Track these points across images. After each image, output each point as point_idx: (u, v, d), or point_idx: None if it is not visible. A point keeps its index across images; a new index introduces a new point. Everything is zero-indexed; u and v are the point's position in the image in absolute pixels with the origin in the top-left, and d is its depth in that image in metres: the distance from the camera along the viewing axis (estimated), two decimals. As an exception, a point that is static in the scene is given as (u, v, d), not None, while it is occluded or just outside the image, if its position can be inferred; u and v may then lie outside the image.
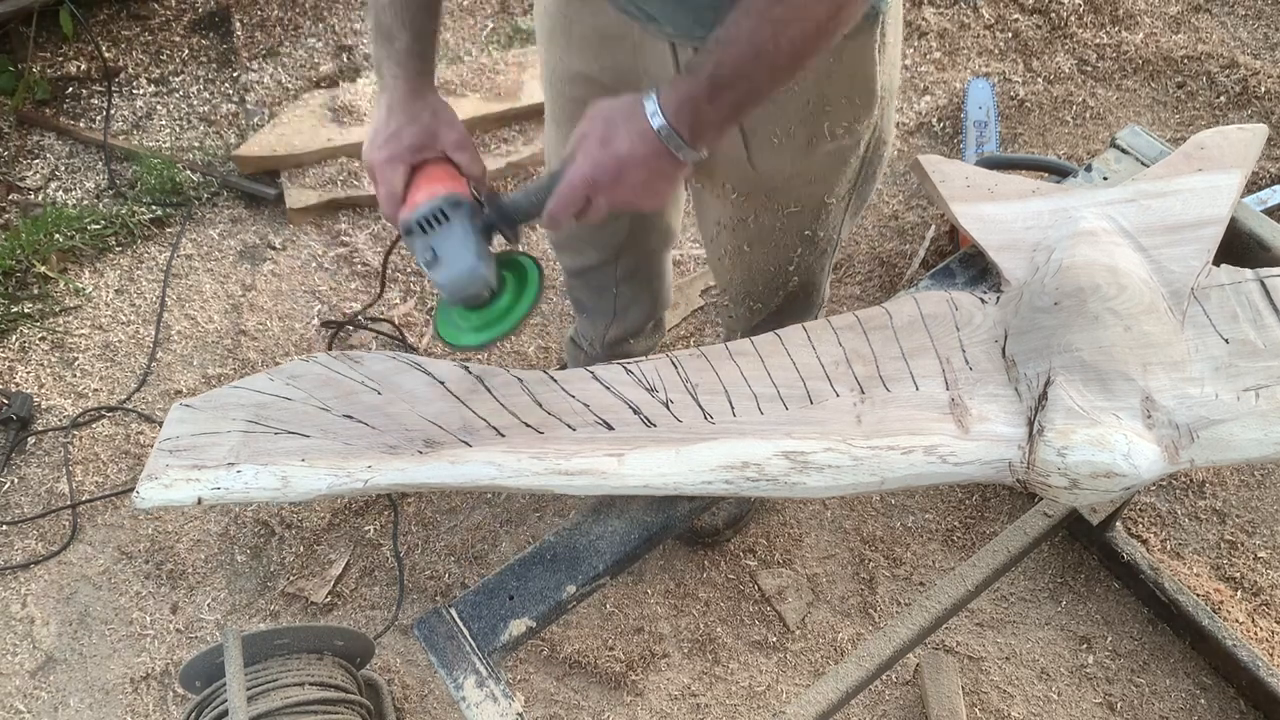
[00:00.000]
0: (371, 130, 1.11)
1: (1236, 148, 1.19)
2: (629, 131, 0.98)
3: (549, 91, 1.43)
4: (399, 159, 1.08)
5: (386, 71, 1.11)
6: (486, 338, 1.12)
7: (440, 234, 1.05)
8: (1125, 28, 2.77)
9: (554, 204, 1.03)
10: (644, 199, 1.04)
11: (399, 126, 1.09)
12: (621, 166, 0.99)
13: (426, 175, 1.09)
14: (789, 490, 0.99)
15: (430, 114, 1.10)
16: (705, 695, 1.82)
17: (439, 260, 1.05)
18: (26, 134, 2.66)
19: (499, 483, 1.01)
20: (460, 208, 1.06)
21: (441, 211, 1.05)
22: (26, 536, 2.03)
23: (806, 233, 1.37)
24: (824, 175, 1.29)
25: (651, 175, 1.01)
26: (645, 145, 0.98)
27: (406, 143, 1.08)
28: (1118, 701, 1.79)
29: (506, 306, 1.12)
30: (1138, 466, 0.94)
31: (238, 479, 1.03)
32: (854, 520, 2.01)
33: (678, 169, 1.02)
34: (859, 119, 1.23)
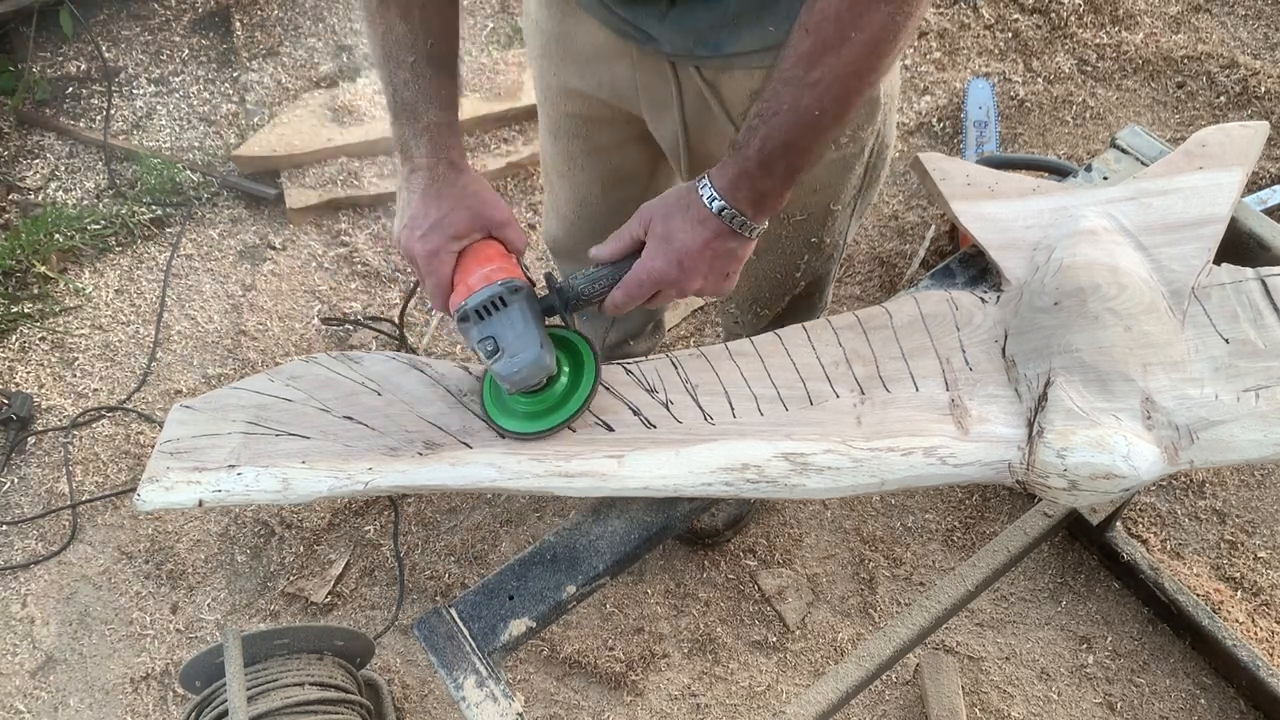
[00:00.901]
0: (406, 216, 1.04)
1: (1238, 145, 1.19)
2: (690, 221, 0.98)
3: (544, 106, 1.41)
4: (445, 248, 1.02)
5: (416, 152, 1.03)
6: (545, 426, 1.04)
7: (499, 321, 0.99)
8: (1125, 28, 2.77)
9: (620, 295, 1.03)
10: (714, 283, 1.03)
11: (443, 213, 1.02)
12: (685, 258, 0.99)
13: (474, 257, 1.03)
14: (789, 492, 0.98)
15: (473, 196, 1.04)
16: (705, 695, 1.82)
17: (500, 350, 0.98)
18: (26, 134, 2.66)
19: (499, 484, 1.01)
20: (519, 292, 1.00)
21: (500, 298, 0.99)
22: (26, 536, 2.03)
23: (813, 240, 1.37)
24: (829, 183, 1.28)
25: (718, 258, 1.00)
26: (708, 231, 0.98)
27: (452, 230, 1.02)
28: (1118, 701, 1.79)
29: (564, 391, 1.05)
30: (1137, 468, 0.94)
31: (238, 481, 1.03)
32: (854, 520, 2.01)
33: (744, 246, 1.02)
34: (862, 126, 1.23)
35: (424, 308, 2.34)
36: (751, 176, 0.96)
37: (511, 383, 1.00)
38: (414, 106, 1.03)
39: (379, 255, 2.41)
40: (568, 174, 1.47)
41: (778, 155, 0.94)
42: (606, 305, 1.05)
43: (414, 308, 2.33)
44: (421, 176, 1.03)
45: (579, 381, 1.06)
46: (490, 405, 1.08)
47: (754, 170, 0.95)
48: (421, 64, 1.02)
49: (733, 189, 0.97)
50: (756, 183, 0.96)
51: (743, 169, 0.96)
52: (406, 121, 1.03)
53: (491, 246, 1.05)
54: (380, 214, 2.49)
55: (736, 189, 0.96)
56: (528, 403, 1.05)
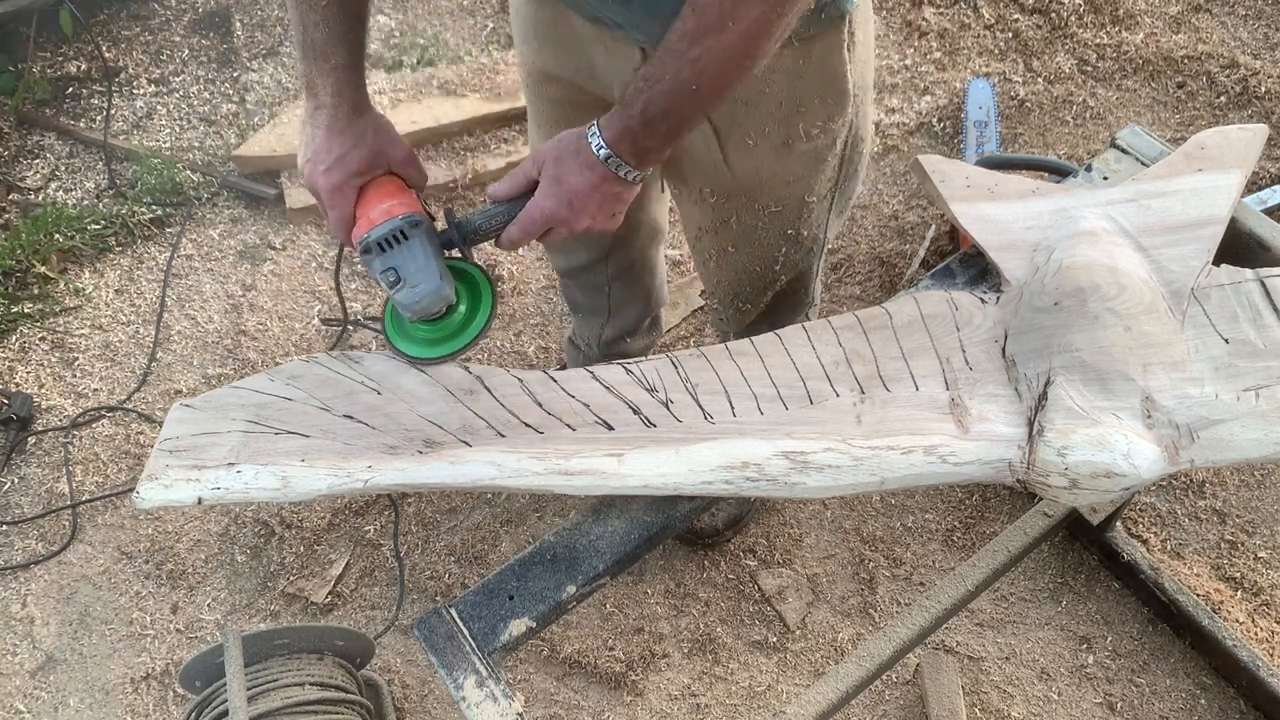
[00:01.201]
0: (310, 151, 1.09)
1: (1237, 147, 1.19)
2: (580, 165, 1.05)
3: (527, 92, 1.45)
4: (348, 182, 1.07)
5: (322, 90, 1.08)
6: (445, 351, 1.12)
7: (400, 253, 1.05)
8: (1125, 28, 2.77)
9: (515, 230, 1.08)
10: (600, 221, 1.09)
11: (345, 149, 1.07)
12: (575, 198, 1.05)
13: (376, 192, 1.08)
14: (789, 490, 0.99)
15: (374, 132, 1.09)
16: (705, 695, 1.82)
17: (402, 280, 1.05)
18: (26, 134, 2.66)
19: (499, 483, 1.01)
20: (419, 226, 1.06)
21: (401, 231, 1.05)
22: (26, 536, 2.03)
23: (789, 232, 1.38)
24: (802, 175, 1.30)
25: (605, 199, 1.07)
26: (596, 175, 1.05)
27: (354, 166, 1.07)
28: (1118, 701, 1.79)
29: (462, 320, 1.12)
30: (1138, 466, 0.94)
31: (238, 479, 1.03)
32: (854, 520, 2.01)
33: (627, 189, 1.08)
34: (833, 118, 1.24)
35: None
36: (635, 133, 1.02)
37: (413, 311, 1.07)
38: (323, 48, 1.07)
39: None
40: None
41: (658, 119, 1.01)
42: (502, 240, 1.10)
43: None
44: (325, 114, 1.08)
45: (476, 310, 1.13)
46: (392, 332, 1.14)
47: (637, 128, 1.02)
48: (333, 8, 1.07)
49: (617, 141, 1.03)
50: (639, 139, 1.02)
51: (627, 125, 1.02)
52: (315, 61, 1.08)
53: (392, 182, 1.10)
54: None
55: (621, 141, 1.03)
56: (428, 330, 1.12)
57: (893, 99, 2.68)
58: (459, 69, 2.65)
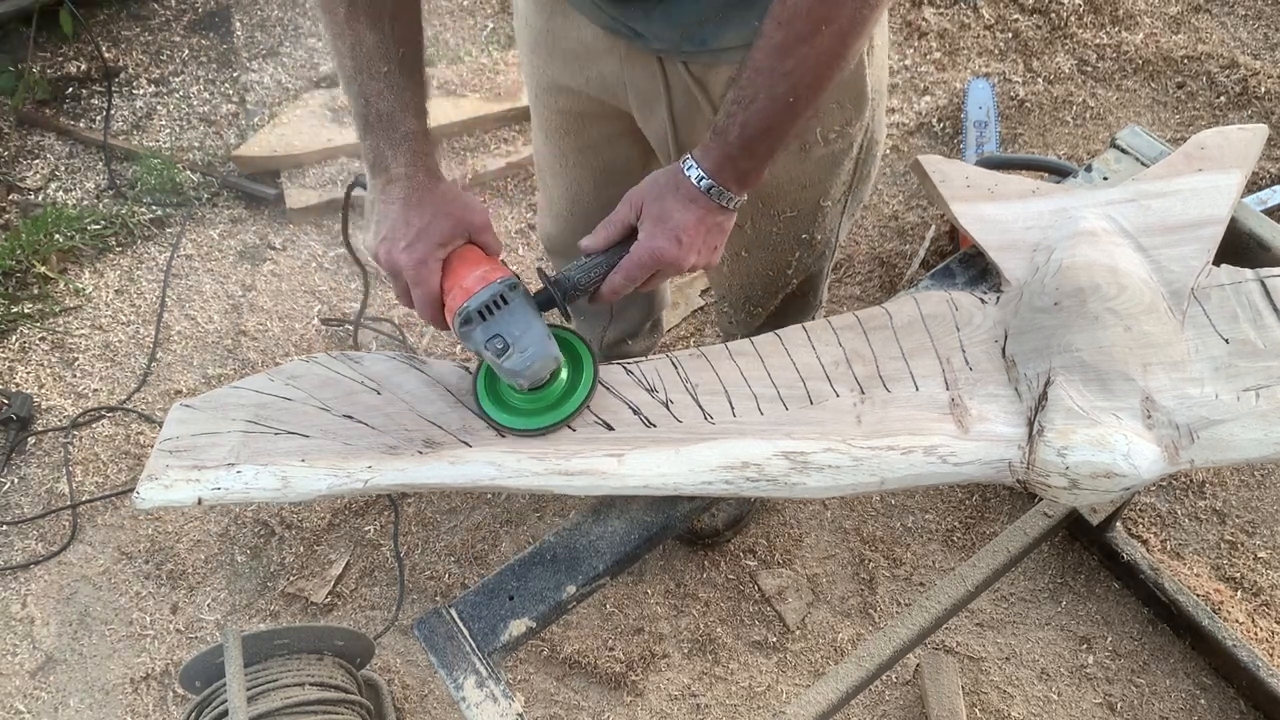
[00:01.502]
0: (385, 228, 1.02)
1: (1237, 148, 1.19)
2: (682, 200, 1.02)
3: (535, 104, 1.42)
4: (432, 255, 1.01)
5: (394, 163, 1.01)
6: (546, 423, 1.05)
7: (503, 319, 0.99)
8: (1125, 28, 2.77)
9: (619, 278, 1.04)
10: (706, 256, 1.07)
11: (426, 222, 1.00)
12: (683, 234, 1.02)
13: (461, 262, 1.02)
14: (789, 490, 0.99)
15: (453, 203, 1.03)
16: (705, 695, 1.82)
17: (509, 346, 0.99)
18: (26, 134, 2.66)
19: (499, 483, 1.01)
20: (517, 289, 1.00)
21: (502, 296, 0.99)
22: (26, 536, 2.03)
23: (804, 236, 1.37)
24: (818, 179, 1.29)
25: (709, 231, 1.05)
26: (700, 208, 1.02)
27: (437, 238, 1.00)
28: (1118, 701, 1.79)
29: (563, 389, 1.06)
30: (1138, 466, 0.94)
31: (238, 479, 1.03)
32: (854, 520, 2.01)
33: (728, 218, 1.07)
34: (850, 122, 1.24)
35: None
36: (735, 159, 1.00)
37: (526, 377, 1.01)
38: (390, 116, 1.01)
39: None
40: (560, 171, 1.48)
41: (757, 139, 0.99)
42: (604, 290, 1.06)
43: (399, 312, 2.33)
44: (399, 187, 1.01)
45: (578, 379, 1.08)
46: (486, 403, 1.08)
47: (736, 154, 1.00)
48: (395, 73, 1.01)
49: (718, 169, 1.01)
50: (739, 163, 1.01)
51: (726, 153, 1.00)
52: (382, 132, 1.02)
53: (473, 251, 1.04)
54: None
55: (722, 170, 1.01)
56: (526, 400, 1.05)
57: (893, 99, 2.68)
58: (459, 69, 2.65)
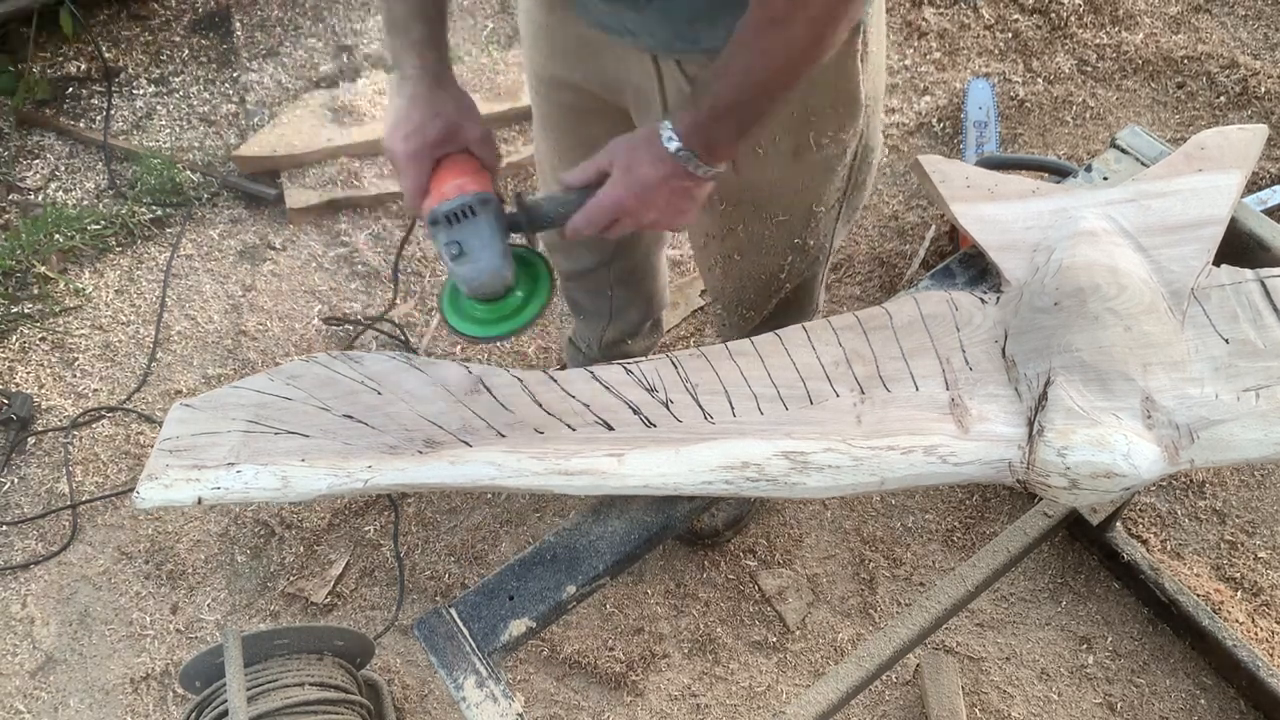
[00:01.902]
0: (392, 119, 1.11)
1: (1237, 148, 1.19)
2: (649, 156, 1.05)
3: (535, 96, 1.44)
4: (424, 153, 1.09)
5: (405, 62, 1.11)
6: (498, 331, 1.14)
7: (466, 228, 1.06)
8: (1125, 28, 2.77)
9: (581, 218, 1.08)
10: (669, 217, 1.09)
11: (423, 119, 1.09)
12: (645, 189, 1.05)
13: (450, 168, 1.10)
14: (789, 490, 0.99)
15: (454, 107, 1.11)
16: (705, 695, 1.82)
17: (464, 255, 1.07)
18: (26, 134, 2.66)
19: (499, 483, 1.01)
20: (488, 205, 1.07)
21: (470, 207, 1.06)
22: (26, 536, 2.03)
23: (796, 241, 1.38)
24: (811, 184, 1.30)
25: (674, 194, 1.07)
26: (666, 168, 1.04)
27: (431, 137, 1.08)
28: (1118, 701, 1.79)
29: (519, 304, 1.13)
30: (1138, 467, 0.94)
31: (238, 479, 1.03)
32: (854, 520, 2.01)
33: (698, 186, 1.08)
34: (844, 128, 1.24)
35: (424, 308, 2.34)
36: (705, 126, 1.02)
37: (470, 287, 1.08)
38: (404, 22, 1.10)
39: (379, 255, 2.41)
40: (559, 166, 1.48)
41: (727, 111, 1.01)
42: (568, 228, 1.10)
43: (413, 308, 2.33)
44: (409, 84, 1.10)
45: (532, 296, 1.14)
46: (448, 308, 1.15)
47: (706, 121, 1.02)
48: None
49: (688, 134, 1.03)
50: (709, 131, 1.03)
51: (696, 119, 1.02)
52: (397, 35, 1.11)
53: (468, 161, 1.11)
54: (380, 214, 2.49)
55: (692, 134, 1.03)
56: (484, 309, 1.13)
57: (893, 99, 2.68)
58: (459, 69, 2.64)
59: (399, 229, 2.45)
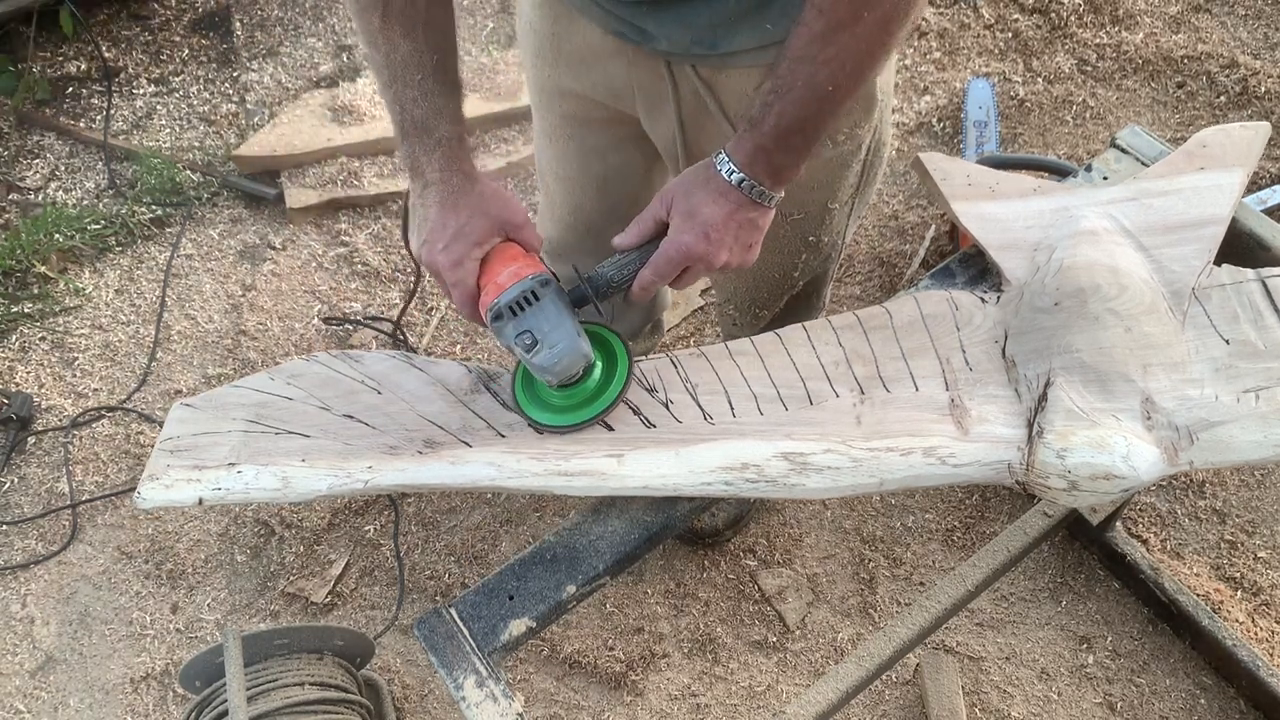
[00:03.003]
0: (425, 231, 1.04)
1: (1239, 146, 1.19)
2: (712, 194, 1.01)
3: (538, 108, 1.42)
4: (469, 255, 1.02)
5: (429, 168, 1.04)
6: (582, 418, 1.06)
7: (533, 315, 1.00)
8: (1125, 28, 2.77)
9: (649, 274, 1.04)
10: (739, 254, 1.05)
11: (462, 222, 1.02)
12: (710, 232, 1.01)
13: (498, 259, 1.04)
14: (788, 491, 0.98)
15: (490, 202, 1.05)
16: (705, 695, 1.82)
17: (538, 343, 1.00)
18: (26, 134, 2.66)
19: (499, 483, 1.01)
20: (549, 285, 1.01)
21: (532, 293, 1.00)
22: (26, 536, 2.03)
23: (810, 238, 1.37)
24: (827, 181, 1.29)
25: (742, 228, 1.03)
26: (731, 203, 1.01)
27: (474, 237, 1.02)
28: (1118, 701, 1.79)
29: (599, 383, 1.07)
30: (1137, 468, 0.94)
31: (238, 479, 1.03)
32: (854, 520, 2.01)
33: (764, 215, 1.04)
34: (859, 124, 1.23)
35: (423, 307, 2.34)
36: (768, 151, 0.98)
37: (554, 374, 1.01)
38: (425, 123, 1.03)
39: (379, 255, 2.41)
40: (563, 176, 1.47)
41: (793, 130, 0.97)
42: (634, 287, 1.06)
43: (413, 308, 2.33)
44: (436, 190, 1.04)
45: (612, 374, 1.08)
46: (523, 400, 1.08)
47: (770, 145, 0.98)
48: (429, 81, 1.03)
49: (750, 162, 0.99)
50: (773, 156, 0.98)
51: (759, 144, 0.98)
52: (418, 139, 1.04)
53: (511, 248, 1.05)
54: (380, 214, 2.49)
55: (754, 162, 0.99)
56: (562, 396, 1.06)
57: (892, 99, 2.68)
58: (459, 69, 2.64)
59: (399, 229, 2.44)
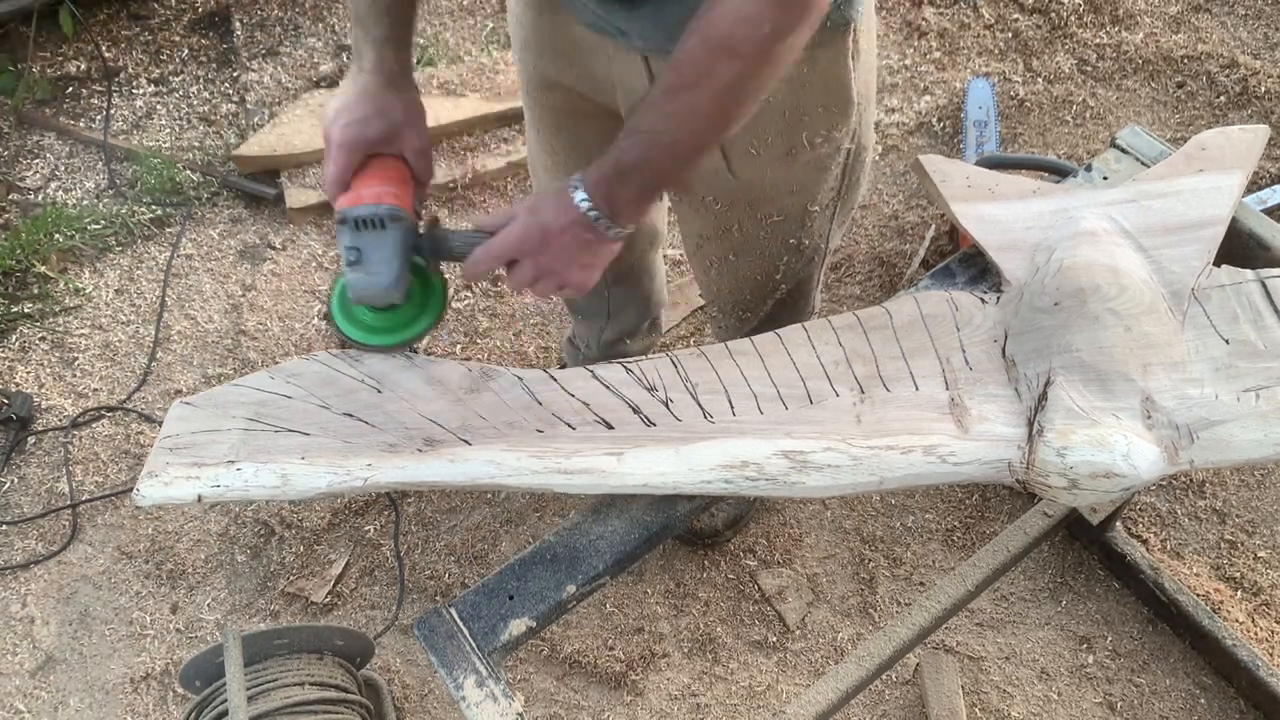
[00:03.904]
0: (338, 103, 1.10)
1: (1238, 148, 1.19)
2: (555, 204, 1.04)
3: (526, 100, 1.45)
4: (357, 146, 1.08)
5: (364, 55, 1.10)
6: (379, 342, 1.12)
7: (371, 238, 1.05)
8: (1125, 28, 2.77)
9: (479, 255, 1.07)
10: (568, 267, 1.07)
11: (366, 115, 1.08)
12: (546, 232, 1.04)
13: (377, 172, 1.09)
14: (788, 490, 0.99)
15: (401, 110, 1.10)
16: (705, 695, 1.82)
17: (360, 263, 1.05)
18: (26, 134, 2.66)
19: (499, 481, 1.01)
20: (399, 222, 1.06)
21: (381, 219, 1.05)
22: (26, 536, 2.03)
23: (791, 241, 1.38)
24: (805, 184, 1.30)
25: (575, 244, 1.05)
26: (570, 217, 1.03)
27: (369, 133, 1.08)
28: (1118, 701, 1.79)
29: (406, 319, 1.13)
30: (1137, 467, 0.94)
31: (237, 477, 1.03)
32: (854, 520, 2.01)
33: (601, 242, 1.06)
34: (836, 127, 1.24)
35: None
36: (609, 182, 1.02)
37: (355, 294, 1.07)
38: (366, 18, 1.09)
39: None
40: (551, 168, 1.49)
41: (632, 170, 1.01)
42: (466, 264, 1.09)
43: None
44: (364, 79, 1.10)
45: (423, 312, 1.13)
46: (336, 307, 1.14)
47: (611, 177, 1.01)
48: None
49: (594, 187, 1.02)
50: (614, 189, 1.02)
51: (603, 174, 1.02)
52: (360, 29, 1.11)
53: (399, 169, 1.10)
54: None
55: (597, 188, 1.02)
56: (372, 317, 1.12)
57: (893, 99, 2.68)
58: (459, 69, 2.65)
59: None
